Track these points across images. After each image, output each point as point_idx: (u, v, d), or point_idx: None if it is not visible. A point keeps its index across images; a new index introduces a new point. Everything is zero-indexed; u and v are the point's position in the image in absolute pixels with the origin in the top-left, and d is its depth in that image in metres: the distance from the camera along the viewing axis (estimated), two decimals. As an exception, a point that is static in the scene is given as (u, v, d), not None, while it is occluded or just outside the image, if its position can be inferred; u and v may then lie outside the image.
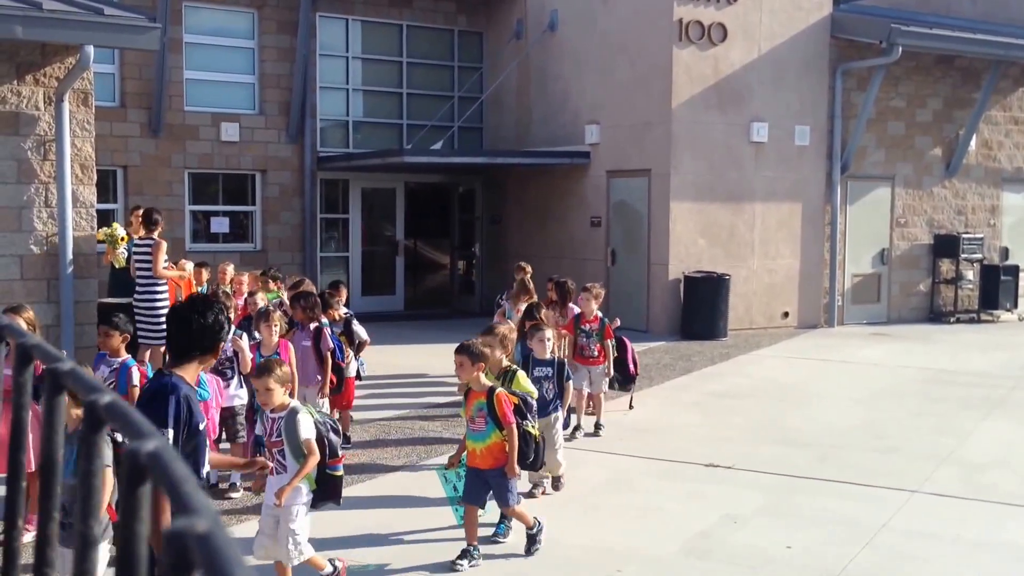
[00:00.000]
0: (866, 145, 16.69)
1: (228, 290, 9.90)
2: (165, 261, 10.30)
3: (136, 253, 10.49)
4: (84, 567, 1.34)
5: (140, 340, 10.19)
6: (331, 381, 8.13)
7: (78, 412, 3.98)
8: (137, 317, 10.33)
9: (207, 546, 0.88)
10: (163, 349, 7.52)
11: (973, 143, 17.66)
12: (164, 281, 10.31)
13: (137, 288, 10.38)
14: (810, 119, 16.10)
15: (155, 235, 10.37)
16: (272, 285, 10.20)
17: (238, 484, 7.42)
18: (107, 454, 4.36)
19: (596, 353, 9.32)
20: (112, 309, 9.31)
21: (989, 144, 18.05)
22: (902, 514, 6.87)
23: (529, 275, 10.80)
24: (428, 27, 18.40)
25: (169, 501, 0.99)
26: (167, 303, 10.33)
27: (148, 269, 10.28)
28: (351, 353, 8.80)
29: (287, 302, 9.57)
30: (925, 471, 7.92)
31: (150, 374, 6.56)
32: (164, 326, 9.51)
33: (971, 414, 10.09)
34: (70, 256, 9.88)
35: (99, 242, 10.82)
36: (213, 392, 6.88)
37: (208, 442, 6.46)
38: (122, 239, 10.50)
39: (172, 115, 15.98)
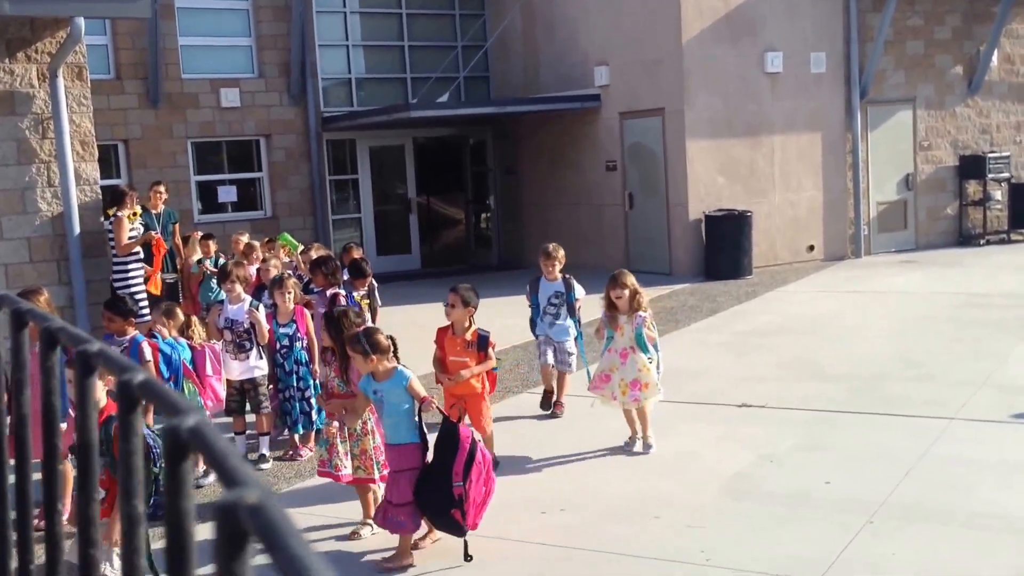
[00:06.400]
0: (884, 68, 16.20)
1: (241, 259, 9.66)
2: (132, 230, 9.82)
3: (110, 231, 10.03)
4: (133, 545, 1.34)
5: None
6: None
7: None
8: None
9: (259, 517, 0.89)
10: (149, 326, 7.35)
11: (995, 59, 17.13)
12: (136, 256, 9.90)
13: (113, 268, 9.97)
14: (826, 45, 15.62)
15: (116, 212, 9.96)
16: (283, 251, 10.03)
17: (267, 455, 7.29)
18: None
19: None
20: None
21: (1011, 59, 17.51)
22: (941, 442, 6.78)
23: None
24: (426, -24, 17.93)
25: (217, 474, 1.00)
26: (139, 279, 9.91)
27: (114, 249, 9.88)
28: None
29: (301, 267, 9.43)
30: (962, 397, 7.81)
31: (161, 346, 6.48)
32: (144, 303, 9.33)
33: (1007, 337, 9.90)
34: (77, 234, 9.64)
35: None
36: (209, 361, 6.78)
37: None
38: (135, 214, 10.12)
39: (170, 84, 15.65)
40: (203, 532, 1.16)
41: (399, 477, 5.26)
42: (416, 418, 5.29)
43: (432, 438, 5.35)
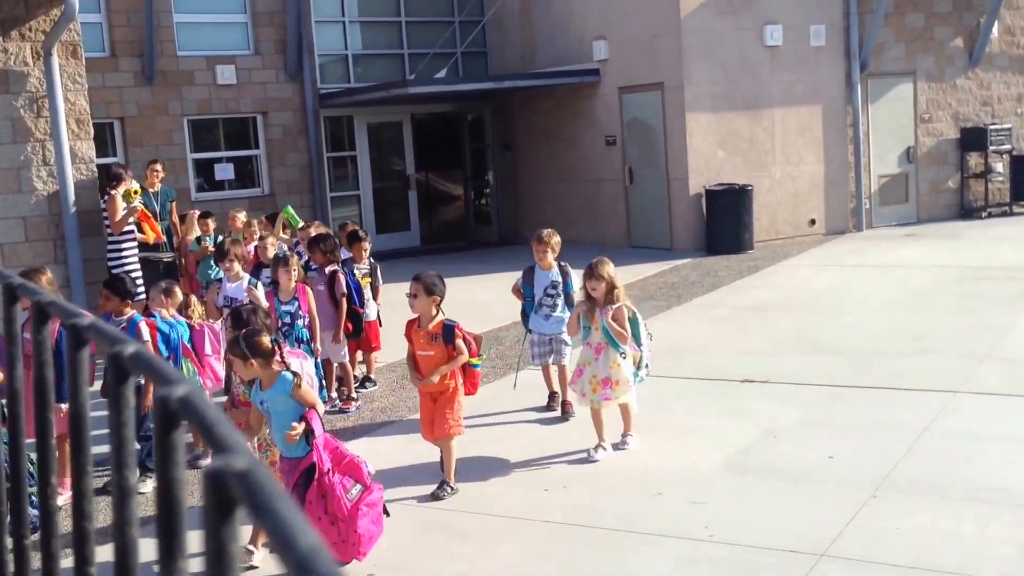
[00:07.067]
0: (884, 40, 16.08)
1: (238, 237, 9.61)
2: (124, 209, 9.72)
3: (104, 210, 9.92)
4: (124, 516, 1.35)
5: None
6: (347, 327, 7.92)
7: None
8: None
9: (247, 482, 0.90)
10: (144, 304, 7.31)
11: (995, 30, 17.00)
12: (129, 236, 9.82)
13: (107, 247, 9.89)
14: (825, 17, 15.50)
15: (110, 191, 9.85)
16: (282, 226, 10.03)
17: None
18: None
19: None
20: (152, 265, 9.54)
21: (1012, 30, 17.38)
22: (944, 416, 6.74)
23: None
24: (422, -50, 17.76)
25: (203, 437, 1.00)
26: (134, 258, 9.84)
27: (109, 228, 9.78)
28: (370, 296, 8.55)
29: (300, 242, 9.40)
30: (965, 370, 7.78)
31: (160, 325, 6.43)
32: (139, 281, 9.31)
33: (1009, 309, 9.87)
34: (73, 212, 9.57)
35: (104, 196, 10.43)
36: (208, 340, 6.74)
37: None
38: (135, 192, 10.02)
39: (165, 61, 15.53)
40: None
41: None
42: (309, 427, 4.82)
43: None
